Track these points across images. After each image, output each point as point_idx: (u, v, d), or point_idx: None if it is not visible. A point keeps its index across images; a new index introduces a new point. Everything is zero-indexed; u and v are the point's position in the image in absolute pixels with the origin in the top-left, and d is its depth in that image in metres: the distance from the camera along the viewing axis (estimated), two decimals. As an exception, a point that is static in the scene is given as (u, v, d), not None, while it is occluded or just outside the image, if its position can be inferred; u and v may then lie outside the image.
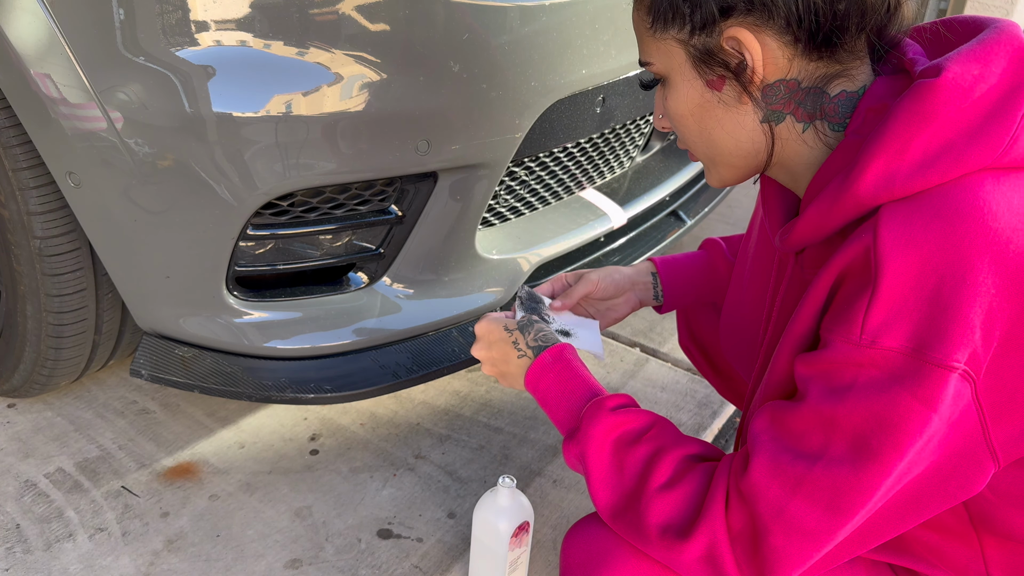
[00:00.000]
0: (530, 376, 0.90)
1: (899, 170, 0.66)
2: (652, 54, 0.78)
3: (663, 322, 1.88)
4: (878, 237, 0.65)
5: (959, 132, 0.65)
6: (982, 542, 0.77)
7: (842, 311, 0.67)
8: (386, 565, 1.20)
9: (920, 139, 0.65)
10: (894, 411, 0.64)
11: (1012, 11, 4.66)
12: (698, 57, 0.74)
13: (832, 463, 0.67)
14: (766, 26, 0.69)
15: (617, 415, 0.82)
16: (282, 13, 0.99)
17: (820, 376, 0.68)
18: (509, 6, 1.09)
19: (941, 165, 0.65)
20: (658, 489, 0.75)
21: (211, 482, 1.34)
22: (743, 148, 0.77)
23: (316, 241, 1.17)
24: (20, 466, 1.34)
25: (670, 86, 0.78)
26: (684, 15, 0.72)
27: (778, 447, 0.70)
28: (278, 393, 1.21)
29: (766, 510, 0.69)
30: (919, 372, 0.63)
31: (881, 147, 0.66)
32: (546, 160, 1.37)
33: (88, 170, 1.07)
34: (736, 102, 0.74)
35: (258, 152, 1.02)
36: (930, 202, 0.65)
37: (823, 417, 0.67)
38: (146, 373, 1.24)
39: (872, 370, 0.65)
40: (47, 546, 1.20)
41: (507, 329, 0.94)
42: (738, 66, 0.72)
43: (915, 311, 0.63)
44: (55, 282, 1.21)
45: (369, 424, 1.50)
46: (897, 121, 0.66)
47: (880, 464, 0.65)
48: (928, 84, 0.66)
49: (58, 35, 0.99)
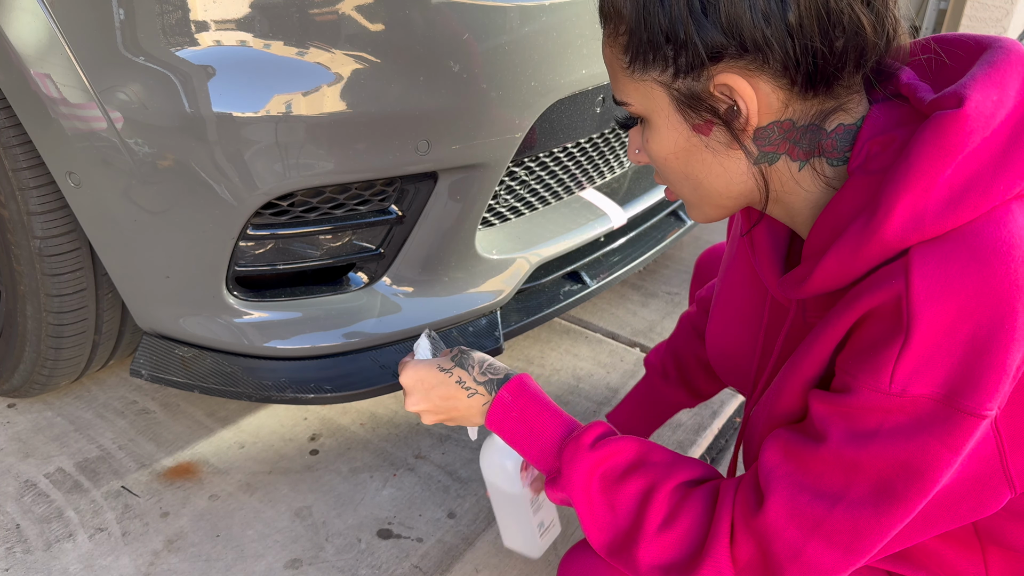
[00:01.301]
0: (492, 417, 0.85)
1: (927, 209, 0.61)
2: (629, 94, 0.71)
3: (663, 322, 1.88)
4: (911, 283, 0.60)
5: (984, 164, 0.61)
6: (985, 551, 0.76)
7: (868, 356, 0.64)
8: (386, 565, 1.20)
9: (946, 175, 0.61)
10: (922, 458, 0.62)
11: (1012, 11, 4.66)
12: (683, 101, 0.68)
13: (853, 505, 0.65)
14: (760, 71, 0.64)
15: (597, 451, 0.79)
16: (282, 13, 0.99)
17: (842, 418, 0.66)
18: (509, 6, 1.09)
19: (970, 200, 0.61)
20: (657, 530, 0.73)
21: (211, 482, 1.34)
22: (734, 190, 0.72)
23: (316, 241, 1.17)
24: (20, 466, 1.34)
25: (651, 128, 0.72)
26: (667, 58, 0.66)
27: (795, 486, 0.68)
28: (278, 393, 1.21)
29: (782, 551, 0.67)
30: (949, 420, 0.61)
31: (906, 186, 0.62)
32: (546, 160, 1.37)
33: (88, 170, 1.07)
34: (726, 147, 0.69)
35: (258, 152, 1.02)
36: (964, 243, 0.60)
37: (845, 461, 0.65)
38: (146, 373, 1.24)
39: (899, 416, 0.62)
40: (47, 546, 1.20)
41: (443, 369, 0.88)
42: (727, 111, 0.66)
43: (948, 357, 0.60)
44: (55, 282, 1.21)
45: (369, 424, 1.50)
46: (921, 156, 0.62)
47: (903, 507, 0.64)
48: (953, 116, 0.61)
49: (58, 35, 0.99)
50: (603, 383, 1.66)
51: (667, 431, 1.51)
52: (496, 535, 1.26)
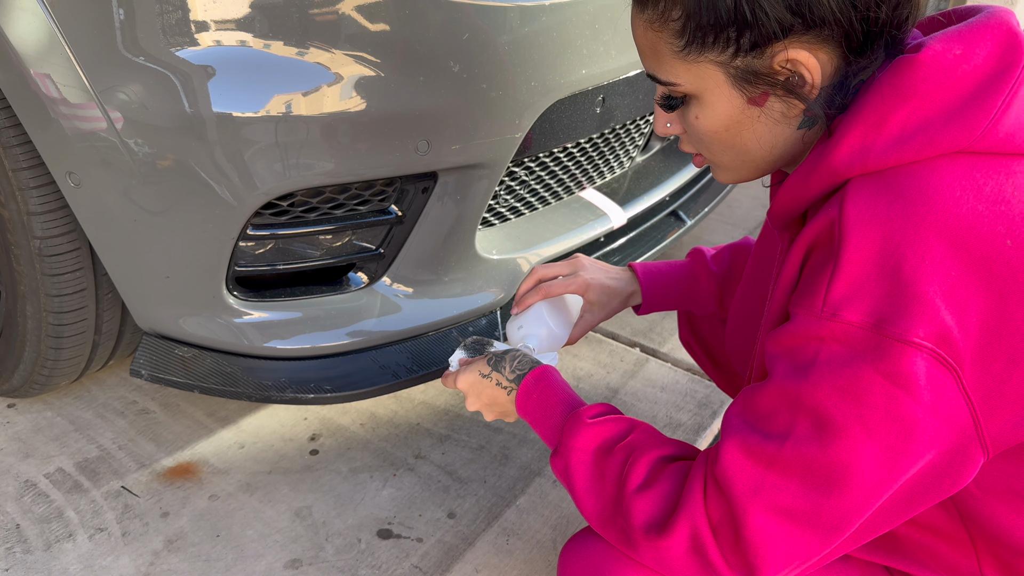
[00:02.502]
0: (519, 405, 0.93)
1: (875, 143, 0.66)
2: (679, 75, 0.72)
3: (663, 322, 1.88)
4: (843, 210, 0.65)
5: (937, 111, 0.65)
6: (975, 543, 0.77)
7: (807, 285, 0.68)
8: (386, 565, 1.20)
9: (898, 114, 0.65)
10: (856, 385, 0.64)
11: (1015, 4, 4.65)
12: (740, 77, 0.69)
13: (800, 441, 0.66)
14: (822, 42, 0.66)
15: (596, 425, 0.82)
16: (282, 13, 0.99)
17: (785, 354, 0.68)
18: (509, 6, 1.09)
19: (916, 142, 0.65)
20: (636, 490, 0.75)
21: (211, 482, 1.34)
22: (776, 153, 0.75)
23: (316, 241, 1.17)
24: (20, 466, 1.34)
25: (702, 105, 0.73)
26: (729, 38, 0.67)
27: (748, 429, 0.70)
28: (278, 393, 1.21)
29: (741, 491, 0.68)
30: (880, 346, 0.63)
31: (859, 120, 0.66)
32: (546, 160, 1.37)
33: (88, 170, 1.07)
34: (781, 115, 0.71)
35: (258, 152, 1.02)
36: (897, 180, 0.65)
37: (788, 395, 0.67)
38: (146, 373, 1.24)
39: (834, 345, 0.65)
40: (47, 546, 1.20)
41: (483, 375, 0.96)
42: (787, 82, 0.68)
43: (876, 287, 0.63)
44: (55, 282, 1.21)
45: (369, 424, 1.50)
46: (876, 95, 0.66)
47: (846, 439, 0.64)
48: (908, 59, 0.66)
49: (58, 35, 0.99)
50: (603, 383, 1.66)
51: (667, 431, 1.51)
52: (496, 535, 1.26)
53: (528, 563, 1.21)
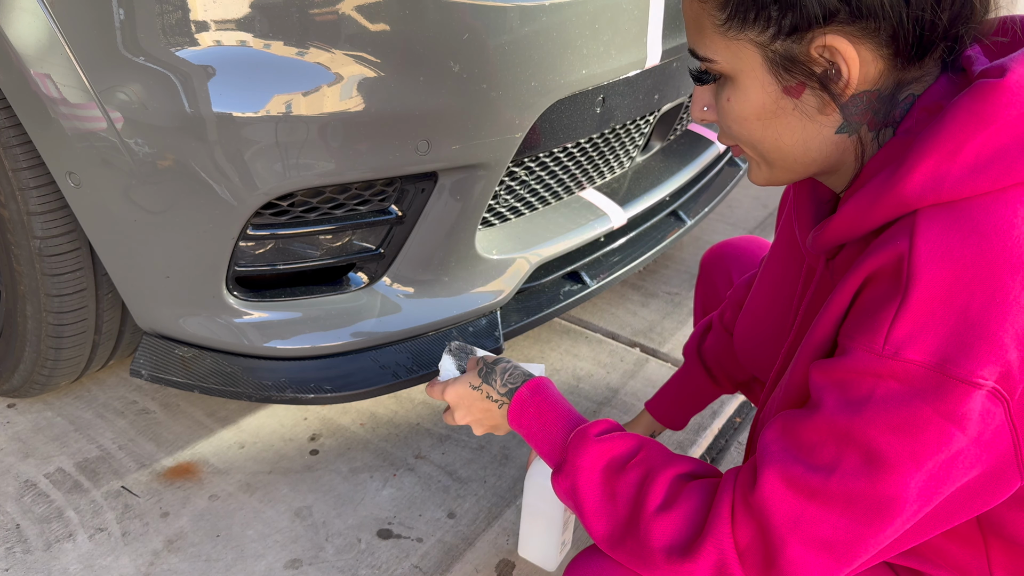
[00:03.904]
0: (511, 418, 0.91)
1: (950, 172, 0.62)
2: (718, 51, 0.69)
3: (663, 322, 1.88)
4: (915, 245, 0.61)
5: (1013, 139, 0.61)
6: (987, 544, 0.76)
7: (866, 318, 0.64)
8: (386, 565, 1.20)
9: (975, 142, 0.62)
10: (912, 423, 0.62)
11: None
12: (777, 62, 0.66)
13: (847, 475, 0.64)
14: (868, 37, 0.63)
15: (603, 442, 0.80)
16: (282, 13, 0.99)
17: (836, 385, 0.65)
18: (509, 6, 1.09)
19: (992, 172, 0.61)
20: (655, 512, 0.73)
21: (211, 482, 1.34)
22: (811, 156, 0.71)
23: (316, 241, 1.17)
24: (20, 466, 1.34)
25: (735, 87, 0.70)
26: (770, 17, 0.64)
27: (789, 459, 0.67)
28: (278, 393, 1.21)
29: (781, 522, 0.66)
30: (941, 387, 0.60)
31: (934, 146, 0.62)
32: (546, 160, 1.37)
33: (88, 170, 1.07)
34: (816, 111, 0.68)
35: (258, 152, 1.02)
36: (970, 215, 0.61)
37: (838, 429, 0.65)
38: (146, 373, 1.24)
39: (892, 382, 0.62)
40: (47, 546, 1.20)
41: (473, 386, 0.94)
42: (824, 74, 0.65)
43: (942, 325, 0.60)
44: (55, 282, 1.21)
45: (369, 424, 1.50)
46: (954, 121, 0.62)
47: (896, 475, 0.63)
48: (991, 85, 0.61)
49: (58, 35, 0.99)
50: (603, 383, 1.66)
51: (667, 431, 1.51)
52: (496, 535, 1.26)
53: (528, 563, 1.22)
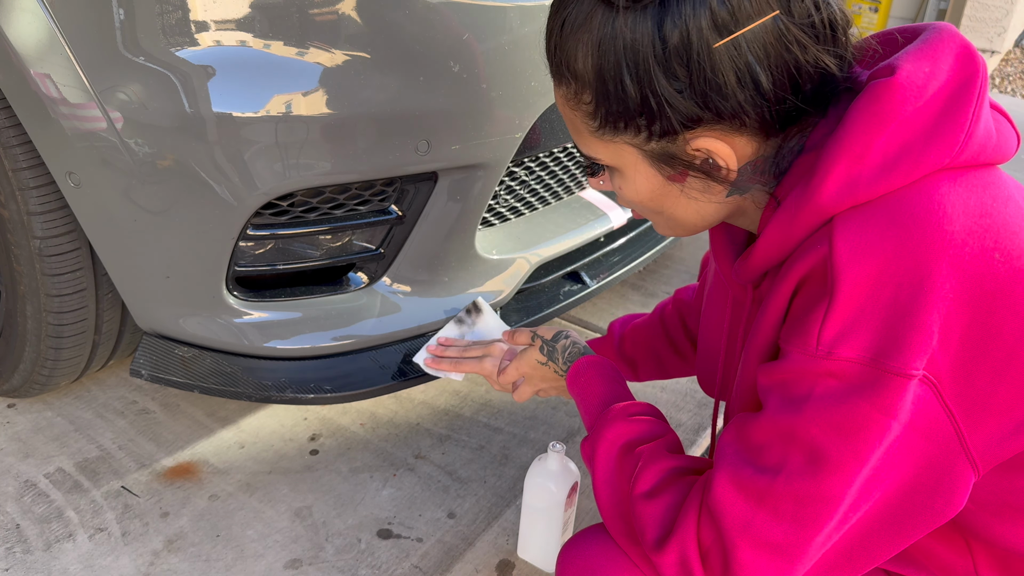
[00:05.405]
0: (568, 384, 1.01)
1: (861, 174, 0.63)
2: (598, 151, 0.73)
3: (663, 322, 1.88)
4: (834, 246, 0.63)
5: (916, 133, 0.63)
6: (971, 546, 0.76)
7: (799, 322, 0.66)
8: (386, 565, 1.20)
9: (880, 141, 0.63)
10: (852, 420, 0.63)
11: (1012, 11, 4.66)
12: (657, 157, 0.70)
13: (793, 476, 0.65)
14: (735, 131, 0.66)
15: (632, 422, 0.84)
16: (282, 13, 0.99)
17: (778, 387, 0.67)
18: (509, 6, 1.09)
19: (902, 167, 0.63)
20: (641, 495, 0.76)
21: (211, 482, 1.34)
22: (708, 220, 0.76)
23: (316, 241, 1.17)
24: (20, 466, 1.34)
25: (623, 177, 0.74)
26: (639, 126, 0.67)
27: (740, 461, 0.69)
28: (278, 393, 1.21)
29: (732, 525, 0.67)
30: (878, 382, 0.62)
31: (841, 152, 0.64)
32: (546, 160, 1.37)
33: (88, 170, 1.07)
34: (700, 191, 0.72)
35: (258, 152, 1.02)
36: (885, 208, 0.63)
37: (781, 429, 0.66)
38: (146, 373, 1.24)
39: (829, 380, 0.64)
40: (47, 546, 1.20)
41: (539, 362, 1.06)
42: (703, 163, 0.69)
43: (872, 320, 0.62)
44: (55, 282, 1.21)
45: (369, 424, 1.50)
46: (855, 125, 0.64)
47: (840, 474, 0.64)
48: (884, 84, 0.64)
49: (58, 35, 0.99)
50: (603, 383, 1.66)
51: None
52: (496, 535, 1.26)
53: (528, 563, 1.22)
